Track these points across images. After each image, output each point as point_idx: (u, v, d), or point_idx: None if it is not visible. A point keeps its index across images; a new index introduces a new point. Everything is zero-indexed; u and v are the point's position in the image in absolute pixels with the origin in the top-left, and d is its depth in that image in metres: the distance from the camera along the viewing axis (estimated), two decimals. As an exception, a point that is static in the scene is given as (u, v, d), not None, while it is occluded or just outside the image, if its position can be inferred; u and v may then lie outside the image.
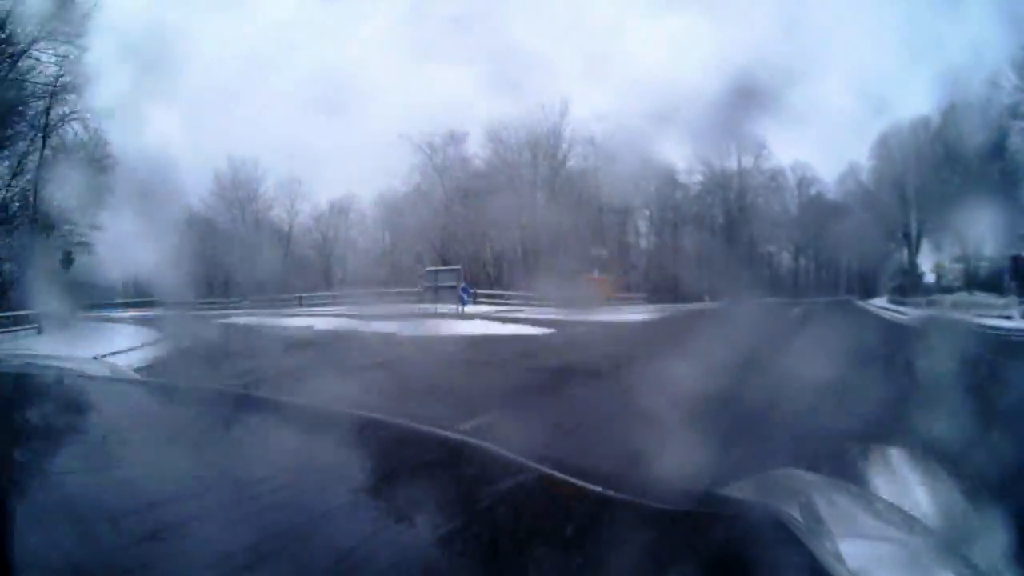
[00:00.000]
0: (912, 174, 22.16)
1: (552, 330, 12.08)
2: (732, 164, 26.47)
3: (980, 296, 18.68)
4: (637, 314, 17.44)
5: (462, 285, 17.41)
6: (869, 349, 8.54)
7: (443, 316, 15.12)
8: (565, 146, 25.03)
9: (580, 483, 0.98)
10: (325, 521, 0.71)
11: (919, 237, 23.56)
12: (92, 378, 1.42)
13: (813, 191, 26.65)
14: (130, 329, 11.68)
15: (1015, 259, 17.53)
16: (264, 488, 0.78)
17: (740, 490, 1.20)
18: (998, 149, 17.94)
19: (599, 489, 0.97)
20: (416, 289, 19.88)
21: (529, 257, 23.08)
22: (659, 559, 0.78)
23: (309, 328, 12.66)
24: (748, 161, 26.53)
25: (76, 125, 16.27)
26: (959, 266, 21.59)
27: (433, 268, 20.16)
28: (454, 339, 10.70)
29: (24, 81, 15.30)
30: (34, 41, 15.24)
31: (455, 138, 25.17)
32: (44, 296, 11.99)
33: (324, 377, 5.37)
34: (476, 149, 25.50)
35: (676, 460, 2.16)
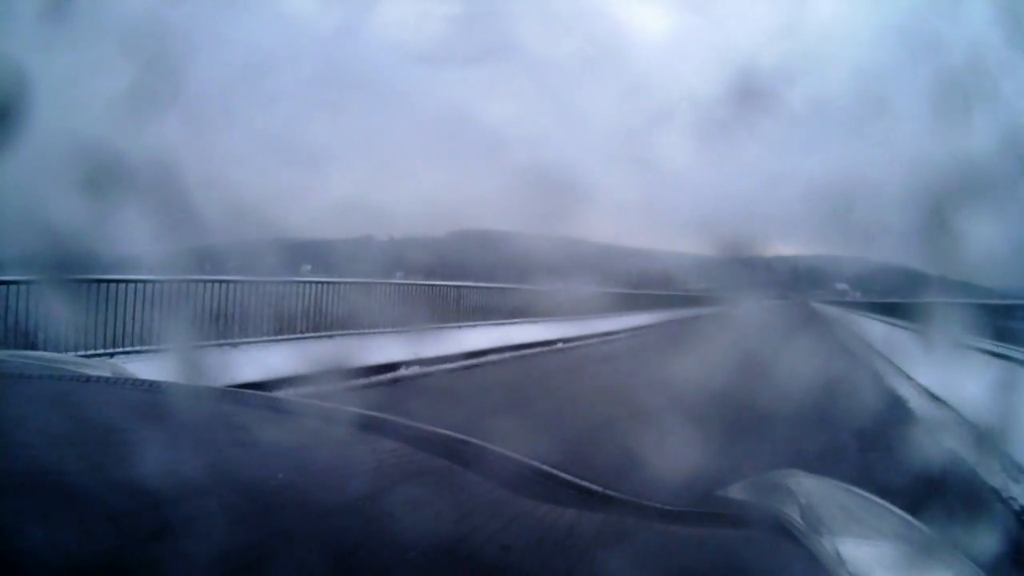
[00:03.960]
0: None
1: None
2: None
3: None
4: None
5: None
6: None
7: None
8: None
9: (579, 482, 0.98)
10: (324, 523, 0.71)
11: None
12: (92, 378, 1.42)
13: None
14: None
15: None
16: (263, 488, 0.78)
17: (740, 491, 1.20)
18: None
19: (598, 488, 0.97)
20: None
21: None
22: (659, 559, 0.78)
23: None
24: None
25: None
26: None
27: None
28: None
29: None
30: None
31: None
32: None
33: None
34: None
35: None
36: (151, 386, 1.27)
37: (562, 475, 0.99)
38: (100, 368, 1.77)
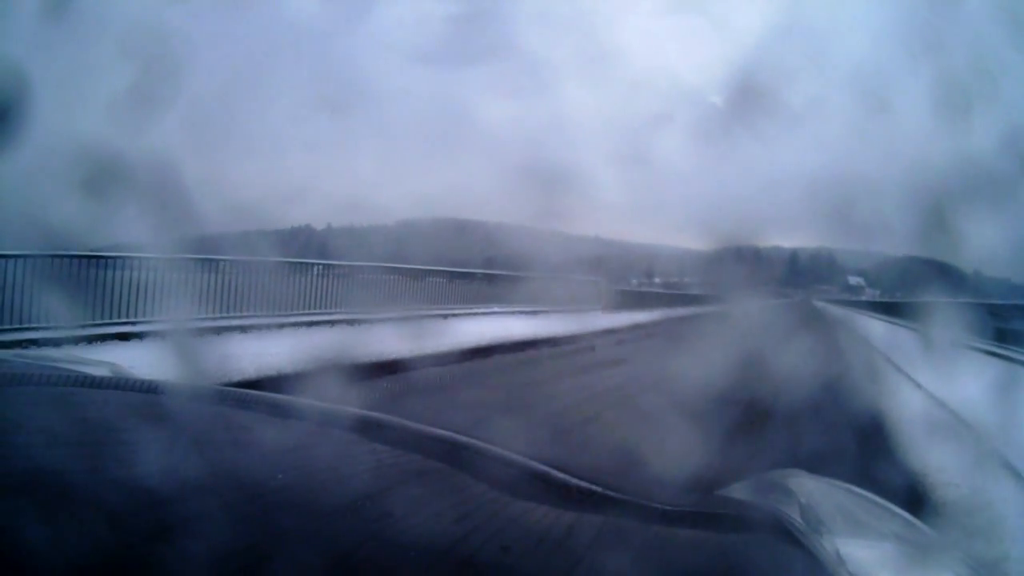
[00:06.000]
0: None
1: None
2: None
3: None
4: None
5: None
6: None
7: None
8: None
9: (578, 482, 0.98)
10: (324, 523, 0.71)
11: None
12: (91, 378, 1.42)
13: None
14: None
15: None
16: (263, 489, 0.78)
17: (740, 490, 1.20)
18: None
19: (598, 488, 0.97)
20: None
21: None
22: (659, 559, 0.78)
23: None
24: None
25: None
26: None
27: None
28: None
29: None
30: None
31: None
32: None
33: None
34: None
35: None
36: (150, 386, 1.27)
37: (562, 475, 0.99)
38: (100, 368, 1.77)
